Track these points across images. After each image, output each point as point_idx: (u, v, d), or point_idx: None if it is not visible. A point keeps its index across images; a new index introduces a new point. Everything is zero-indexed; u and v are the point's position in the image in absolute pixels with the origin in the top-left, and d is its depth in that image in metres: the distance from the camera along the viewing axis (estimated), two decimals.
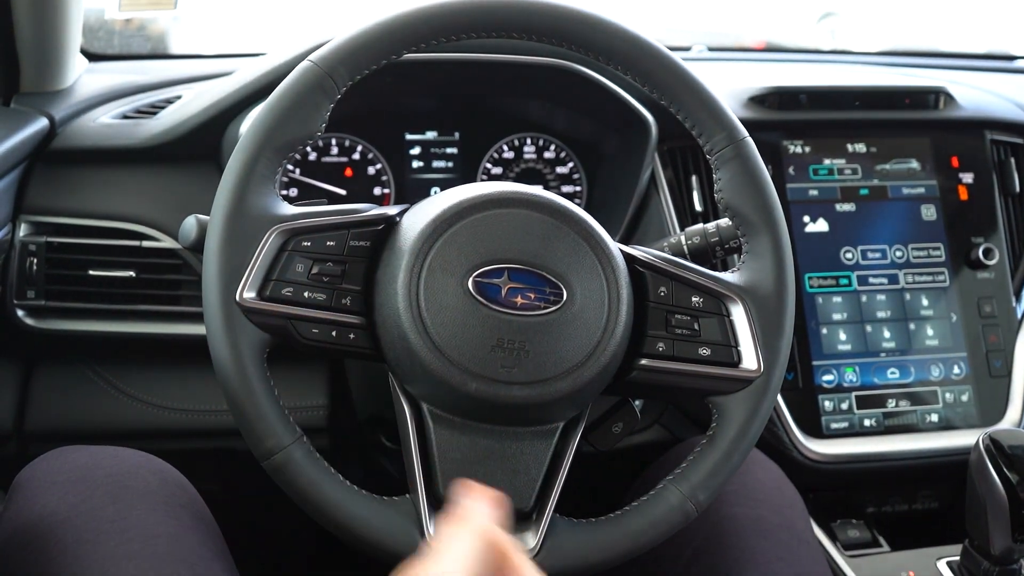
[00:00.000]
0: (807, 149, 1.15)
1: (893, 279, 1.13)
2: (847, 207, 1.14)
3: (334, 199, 1.11)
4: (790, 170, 1.14)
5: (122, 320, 1.04)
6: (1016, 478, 0.81)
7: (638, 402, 0.80)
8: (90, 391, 1.10)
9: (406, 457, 0.69)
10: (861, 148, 1.16)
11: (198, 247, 0.71)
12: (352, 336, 0.69)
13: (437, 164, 1.15)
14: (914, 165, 1.17)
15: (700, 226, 0.85)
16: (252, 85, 1.03)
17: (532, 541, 0.68)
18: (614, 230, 1.07)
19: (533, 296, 0.68)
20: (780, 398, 1.07)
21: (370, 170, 1.13)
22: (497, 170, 1.15)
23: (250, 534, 1.04)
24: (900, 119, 1.18)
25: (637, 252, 0.74)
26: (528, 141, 1.16)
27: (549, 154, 1.16)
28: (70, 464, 0.79)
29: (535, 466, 0.69)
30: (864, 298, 1.12)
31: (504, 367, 0.66)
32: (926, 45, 1.91)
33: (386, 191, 1.14)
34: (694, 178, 1.12)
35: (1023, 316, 1.15)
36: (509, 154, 1.15)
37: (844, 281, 1.12)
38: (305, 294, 0.68)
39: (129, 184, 1.05)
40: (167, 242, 1.03)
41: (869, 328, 1.11)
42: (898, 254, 1.13)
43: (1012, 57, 1.68)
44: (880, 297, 1.12)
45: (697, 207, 1.11)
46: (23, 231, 1.02)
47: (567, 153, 1.16)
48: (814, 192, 1.14)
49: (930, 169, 1.17)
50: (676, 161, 1.12)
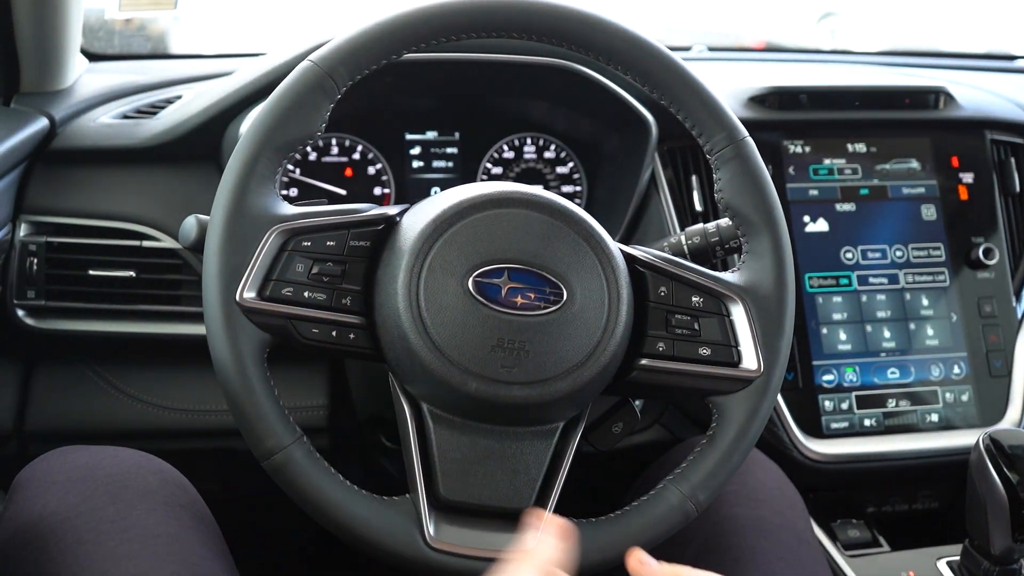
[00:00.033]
0: (807, 149, 1.15)
1: (893, 279, 1.13)
2: (847, 207, 1.14)
3: (334, 199, 1.11)
4: (790, 170, 1.14)
5: (122, 320, 1.04)
6: (1016, 478, 0.81)
7: (638, 402, 0.80)
8: (90, 391, 1.10)
9: (406, 457, 0.69)
10: (861, 148, 1.16)
11: (198, 247, 0.71)
12: (352, 336, 0.69)
13: (437, 164, 1.15)
14: (914, 165, 1.16)
15: (700, 226, 0.85)
16: (252, 85, 1.03)
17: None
18: (614, 230, 1.07)
19: (533, 296, 0.68)
20: (780, 398, 1.07)
21: (370, 170, 1.13)
22: (497, 170, 1.15)
23: (250, 534, 1.04)
24: (900, 119, 1.18)
25: (637, 252, 0.74)
26: (528, 141, 1.16)
27: (549, 154, 1.16)
28: (70, 464, 0.79)
29: (535, 466, 0.69)
30: (864, 298, 1.12)
31: (504, 367, 0.66)
32: (926, 45, 1.91)
33: (386, 191, 1.13)
34: (694, 178, 1.12)
35: (1023, 316, 1.15)
36: (509, 154, 1.15)
37: (844, 281, 1.12)
38: (305, 294, 0.68)
39: (129, 184, 1.05)
40: (167, 242, 1.03)
41: (869, 328, 1.11)
42: (898, 254, 1.13)
43: (1012, 57, 1.68)
44: (880, 297, 1.12)
45: (697, 207, 1.11)
46: (23, 231, 1.02)
47: (567, 153, 1.16)
48: (814, 192, 1.14)
49: (930, 169, 1.17)
50: (676, 161, 1.12)
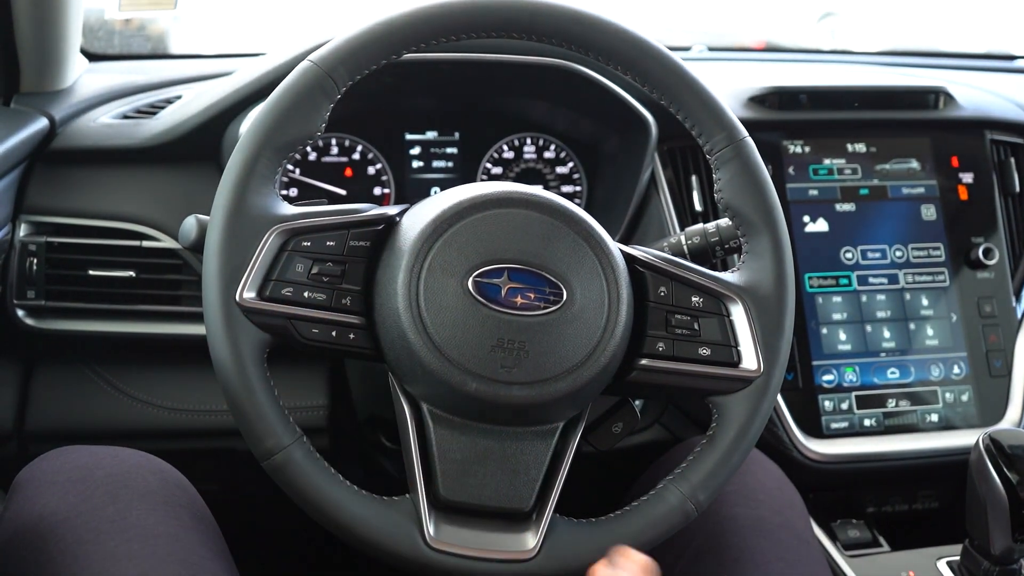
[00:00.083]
0: (807, 149, 1.15)
1: (893, 279, 1.13)
2: (847, 207, 1.14)
3: (334, 199, 1.11)
4: (790, 170, 1.14)
5: (122, 320, 1.04)
6: (1016, 478, 0.81)
7: (638, 402, 0.80)
8: (90, 391, 1.10)
9: (406, 457, 0.69)
10: (861, 148, 1.16)
11: (198, 247, 0.71)
12: (352, 336, 0.69)
13: (437, 164, 1.15)
14: (914, 165, 1.16)
15: (700, 226, 0.85)
16: (252, 85, 1.03)
17: (532, 541, 0.68)
18: (614, 230, 1.07)
19: (533, 296, 0.68)
20: (780, 398, 1.07)
21: (370, 170, 1.13)
22: (497, 170, 1.15)
23: (250, 534, 1.04)
24: (900, 119, 1.18)
25: (637, 252, 0.74)
26: (528, 141, 1.16)
27: (549, 154, 1.16)
28: (70, 464, 0.79)
29: (535, 466, 0.69)
30: (864, 298, 1.12)
31: (504, 367, 0.66)
32: (926, 45, 1.91)
33: (386, 191, 1.13)
34: (694, 178, 1.12)
35: (1023, 316, 1.15)
36: (509, 154, 1.15)
37: (844, 281, 1.12)
38: (305, 294, 0.68)
39: (129, 184, 1.05)
40: (167, 242, 1.03)
41: (869, 328, 1.11)
42: (898, 254, 1.13)
43: (1012, 57, 1.68)
44: (880, 297, 1.12)
45: (697, 207, 1.11)
46: (23, 231, 1.02)
47: (567, 153, 1.16)
48: (814, 192, 1.14)
49: (930, 169, 1.17)
50: (676, 161, 1.12)
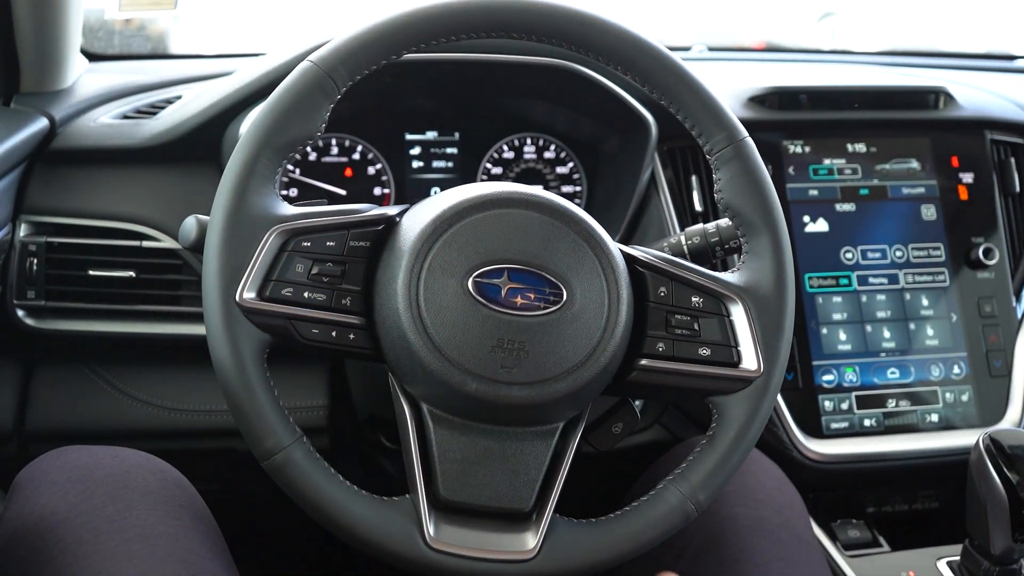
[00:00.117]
0: (807, 149, 1.15)
1: (893, 279, 1.13)
2: (847, 207, 1.14)
3: (334, 199, 1.11)
4: (790, 170, 1.14)
5: (122, 320, 1.04)
6: (1016, 478, 0.81)
7: (638, 402, 0.80)
8: (90, 391, 1.10)
9: (406, 457, 0.69)
10: (861, 148, 1.16)
11: (198, 247, 0.71)
12: (352, 336, 0.69)
13: (437, 164, 1.15)
14: (914, 165, 1.16)
15: (700, 226, 0.85)
16: (252, 85, 1.03)
17: (532, 541, 0.68)
18: (614, 230, 1.07)
19: (533, 296, 0.68)
20: (780, 398, 1.07)
21: (370, 170, 1.13)
22: (497, 170, 1.15)
23: (250, 534, 1.04)
24: (900, 119, 1.18)
25: (637, 252, 0.74)
26: (528, 141, 1.16)
27: (549, 154, 1.16)
28: (70, 464, 0.79)
29: (535, 466, 0.69)
30: (864, 298, 1.12)
31: (504, 367, 0.66)
32: (926, 45, 1.91)
33: (386, 191, 1.13)
34: (694, 178, 1.12)
35: (1023, 316, 1.15)
36: (509, 154, 1.15)
37: (844, 281, 1.12)
38: (305, 294, 0.68)
39: (129, 184, 1.05)
40: (167, 242, 1.03)
41: (869, 328, 1.11)
42: (898, 254, 1.13)
43: (1012, 57, 1.68)
44: (880, 297, 1.12)
45: (697, 207, 1.11)
46: (23, 231, 1.02)
47: (567, 153, 1.16)
48: (814, 192, 1.14)
49: (930, 169, 1.17)
50: (676, 161, 1.12)
